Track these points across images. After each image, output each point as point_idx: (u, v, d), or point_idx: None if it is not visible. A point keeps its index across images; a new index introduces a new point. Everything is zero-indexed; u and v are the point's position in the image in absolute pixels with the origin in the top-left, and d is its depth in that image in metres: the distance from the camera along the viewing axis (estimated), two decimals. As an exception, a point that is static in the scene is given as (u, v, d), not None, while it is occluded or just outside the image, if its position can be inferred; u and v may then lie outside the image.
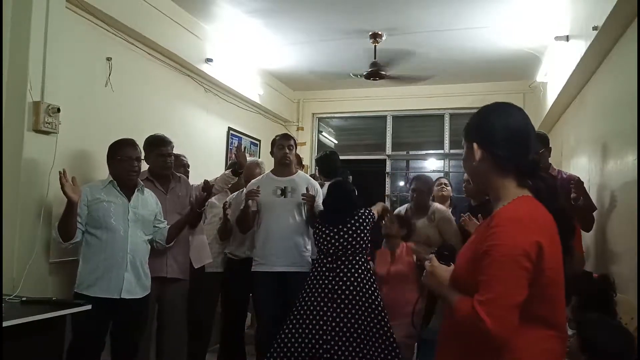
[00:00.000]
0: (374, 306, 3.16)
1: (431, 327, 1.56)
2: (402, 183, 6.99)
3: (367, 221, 3.35)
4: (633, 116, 2.66)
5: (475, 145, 1.38)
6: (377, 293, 3.24)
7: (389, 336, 3.12)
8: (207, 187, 3.26)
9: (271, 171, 3.77)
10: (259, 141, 6.10)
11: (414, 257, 3.41)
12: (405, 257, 3.46)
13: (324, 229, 3.36)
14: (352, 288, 3.18)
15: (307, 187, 3.56)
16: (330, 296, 3.19)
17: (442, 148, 6.65)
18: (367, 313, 3.14)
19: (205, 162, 4.71)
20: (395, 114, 6.79)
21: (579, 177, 3.21)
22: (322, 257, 3.34)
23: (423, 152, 6.93)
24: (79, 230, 2.72)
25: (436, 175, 5.77)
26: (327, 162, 4.29)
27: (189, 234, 3.44)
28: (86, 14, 3.36)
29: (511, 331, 1.20)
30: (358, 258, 3.28)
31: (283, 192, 3.59)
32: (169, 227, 3.09)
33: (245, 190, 3.66)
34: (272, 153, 3.83)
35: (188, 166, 3.85)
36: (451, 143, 6.55)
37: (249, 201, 3.52)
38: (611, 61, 3.37)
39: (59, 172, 2.58)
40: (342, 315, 3.13)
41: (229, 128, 5.48)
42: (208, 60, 4.66)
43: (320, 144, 7.09)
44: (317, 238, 3.39)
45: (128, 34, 3.76)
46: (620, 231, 3.04)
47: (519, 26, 4.40)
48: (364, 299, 3.16)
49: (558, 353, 1.32)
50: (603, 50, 3.33)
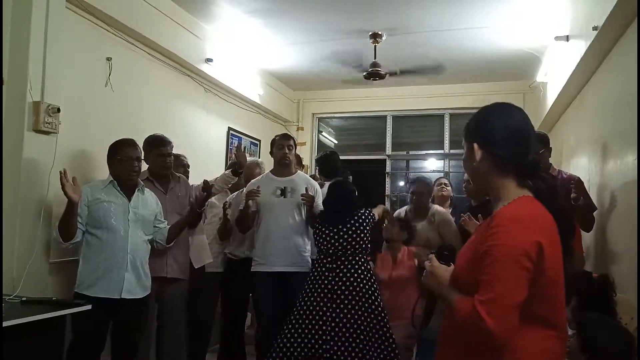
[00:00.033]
0: (374, 306, 3.16)
1: (431, 327, 1.56)
2: (402, 183, 6.99)
3: (367, 221, 3.35)
4: (633, 116, 2.67)
5: (475, 145, 1.39)
6: (377, 293, 3.24)
7: (388, 337, 3.12)
8: (207, 187, 3.26)
9: (271, 171, 3.77)
10: (259, 141, 6.10)
11: (416, 261, 3.40)
12: (407, 262, 3.46)
13: (324, 229, 3.35)
14: (352, 288, 3.18)
15: (307, 188, 3.56)
16: (330, 296, 3.19)
17: (442, 148, 6.65)
18: (367, 313, 3.14)
19: (205, 162, 4.71)
20: (395, 114, 6.78)
21: (579, 177, 3.22)
22: (322, 257, 3.33)
23: (423, 152, 6.93)
24: (80, 230, 2.72)
25: (436, 175, 5.77)
26: (327, 162, 4.29)
27: (189, 234, 3.44)
28: (86, 14, 3.36)
29: (512, 331, 1.21)
30: (358, 258, 3.28)
31: (283, 192, 3.59)
32: (169, 227, 3.09)
33: (245, 190, 3.66)
34: (272, 153, 3.84)
35: (188, 166, 3.85)
36: (451, 143, 6.55)
37: (249, 201, 3.52)
38: (611, 61, 3.37)
39: (60, 172, 2.58)
40: (342, 315, 3.13)
41: (229, 128, 5.48)
42: (208, 60, 4.66)
43: (320, 144, 7.09)
44: (317, 238, 3.38)
45: (128, 34, 3.76)
46: (620, 231, 3.04)
47: (519, 26, 4.40)
48: (364, 300, 3.16)
49: (558, 353, 1.32)
50: (603, 50, 3.33)
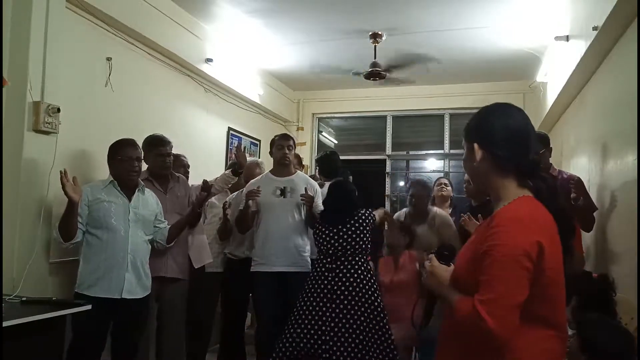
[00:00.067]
0: (373, 307, 3.16)
1: (431, 327, 1.55)
2: (402, 183, 6.99)
3: (368, 222, 3.34)
4: (633, 116, 2.66)
5: (475, 145, 1.39)
6: (378, 293, 3.23)
7: (388, 337, 3.11)
8: (207, 187, 3.26)
9: (270, 171, 3.77)
10: (259, 141, 6.10)
11: (417, 265, 3.39)
12: (408, 266, 3.46)
13: (324, 229, 3.35)
14: (352, 289, 3.17)
15: (306, 188, 3.56)
16: (329, 297, 3.18)
17: (442, 148, 6.65)
18: (367, 314, 3.13)
19: (205, 162, 4.70)
20: (395, 114, 6.78)
21: (579, 177, 3.22)
22: (322, 258, 3.33)
23: (423, 152, 6.93)
24: (80, 230, 2.72)
25: (436, 175, 5.77)
26: (328, 162, 4.28)
27: (189, 234, 3.44)
28: (86, 14, 3.36)
29: (512, 331, 1.21)
30: (358, 258, 3.27)
31: (282, 192, 3.58)
32: (170, 227, 3.09)
33: (244, 190, 3.66)
34: (271, 153, 3.83)
35: (188, 166, 3.85)
36: (451, 143, 6.55)
37: (249, 201, 3.52)
38: (611, 61, 3.37)
39: (60, 172, 2.58)
40: (341, 315, 3.12)
41: (229, 128, 5.48)
42: (208, 60, 4.66)
43: (320, 144, 7.09)
44: (317, 238, 3.38)
45: (128, 34, 3.76)
46: (620, 231, 3.04)
47: (519, 26, 4.40)
48: (364, 300, 3.15)
49: (558, 353, 1.32)
50: (603, 50, 3.33)
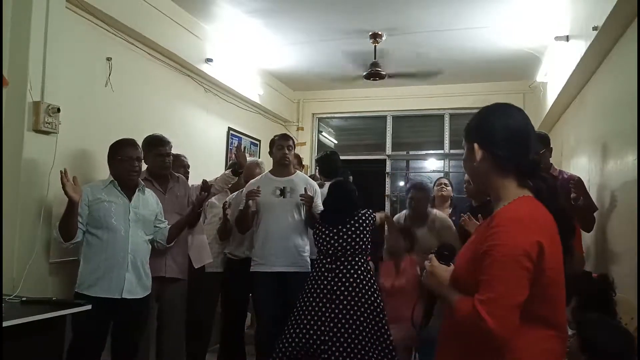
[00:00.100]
0: (373, 307, 3.15)
1: (431, 327, 1.55)
2: (402, 183, 6.99)
3: (368, 222, 3.34)
4: (633, 116, 2.66)
5: (475, 145, 1.39)
6: (377, 294, 3.23)
7: (387, 338, 3.11)
8: (206, 187, 3.27)
9: (270, 171, 3.77)
10: (259, 141, 6.10)
11: (418, 270, 3.39)
12: (409, 270, 3.46)
13: (324, 229, 3.35)
14: (352, 289, 3.17)
15: (306, 188, 3.56)
16: (329, 297, 3.18)
17: (442, 148, 6.64)
18: (366, 314, 3.13)
19: (205, 162, 4.70)
20: (395, 114, 6.78)
21: (580, 177, 3.21)
22: (322, 258, 3.33)
23: (423, 152, 6.93)
24: (80, 230, 2.72)
25: (436, 175, 5.77)
26: (328, 162, 4.28)
27: (189, 234, 3.44)
28: (86, 14, 3.36)
29: (512, 331, 1.21)
30: (358, 259, 3.27)
31: (282, 193, 3.58)
32: (170, 227, 3.09)
33: (244, 190, 3.66)
34: (271, 153, 3.83)
35: (188, 167, 3.85)
36: (451, 143, 6.55)
37: (249, 201, 3.52)
38: (611, 61, 3.37)
39: (60, 172, 2.58)
40: (340, 316, 3.12)
41: (229, 128, 5.48)
42: (208, 60, 4.66)
43: (320, 144, 7.09)
44: (317, 238, 3.38)
45: (128, 34, 3.76)
46: (620, 231, 3.04)
47: (519, 26, 4.40)
48: (363, 300, 3.15)
49: (558, 353, 1.32)
50: (603, 50, 3.33)
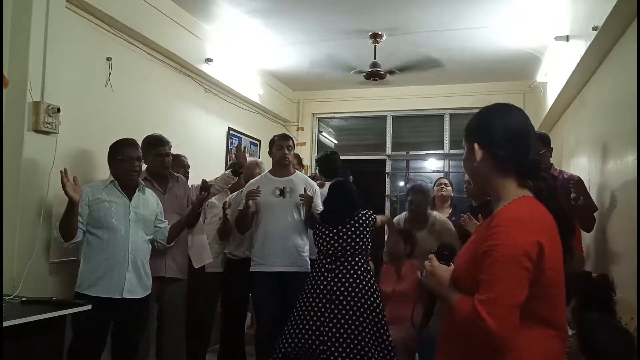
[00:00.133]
0: (373, 307, 3.15)
1: (431, 327, 1.56)
2: (402, 183, 6.99)
3: (368, 222, 3.33)
4: (633, 116, 2.66)
5: (475, 145, 1.39)
6: (377, 294, 3.23)
7: (386, 338, 3.11)
8: (206, 187, 3.27)
9: (269, 171, 3.77)
10: (259, 141, 6.09)
11: (419, 274, 3.39)
12: (410, 275, 3.46)
13: (324, 230, 3.34)
14: (351, 289, 3.17)
15: (305, 188, 3.56)
16: (328, 297, 3.17)
17: (442, 148, 6.64)
18: (366, 315, 3.12)
19: (205, 162, 4.70)
20: (395, 114, 6.78)
21: (580, 177, 3.21)
22: (322, 258, 3.32)
23: (423, 152, 6.93)
24: (80, 230, 2.72)
25: (436, 175, 5.77)
26: (328, 162, 4.28)
27: (188, 234, 3.44)
28: (86, 14, 3.36)
29: (512, 331, 1.21)
30: (358, 259, 3.27)
31: (282, 193, 3.58)
32: (170, 227, 3.09)
33: (244, 190, 3.66)
34: (271, 153, 3.83)
35: (188, 167, 3.85)
36: (451, 143, 6.54)
37: (249, 201, 3.52)
38: (611, 61, 3.37)
39: (60, 172, 2.58)
40: (340, 316, 3.11)
41: (229, 128, 5.48)
42: (208, 60, 4.66)
43: (320, 144, 7.09)
44: (317, 239, 3.37)
45: (128, 34, 3.76)
46: (620, 231, 3.04)
47: (519, 26, 4.40)
48: (363, 301, 3.15)
49: (558, 353, 1.32)
50: (603, 50, 3.33)
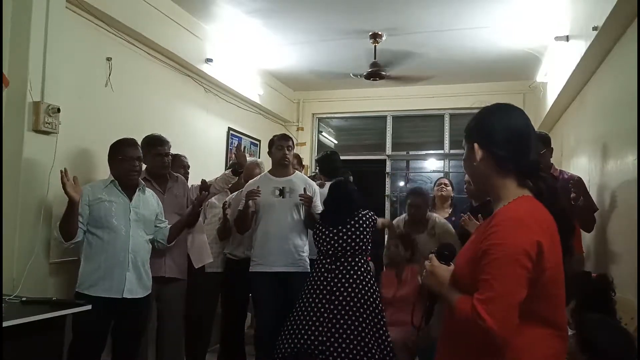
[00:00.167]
0: (372, 308, 3.15)
1: (431, 327, 1.56)
2: (402, 183, 6.99)
3: (368, 222, 3.33)
4: (633, 116, 2.66)
5: (476, 145, 1.39)
6: (377, 295, 3.23)
7: (386, 338, 3.11)
8: (205, 186, 3.27)
9: (269, 171, 3.77)
10: (259, 141, 6.09)
11: (419, 279, 3.39)
12: (411, 281, 3.46)
13: (324, 230, 3.34)
14: (351, 290, 3.16)
15: (305, 188, 3.56)
16: (328, 297, 3.17)
17: (442, 148, 6.64)
18: (366, 315, 3.12)
19: (205, 162, 4.70)
20: (395, 114, 6.78)
21: (580, 177, 3.21)
22: (322, 258, 3.32)
23: (423, 152, 6.93)
24: (81, 230, 2.72)
25: (436, 175, 5.77)
26: (328, 162, 4.28)
27: (188, 234, 3.44)
28: (86, 14, 3.36)
29: (512, 330, 1.21)
30: (358, 259, 3.26)
31: (281, 193, 3.58)
32: (170, 227, 3.09)
33: (243, 190, 3.66)
34: (270, 153, 3.82)
35: (188, 167, 3.85)
36: (451, 143, 6.54)
37: (249, 201, 3.52)
38: (611, 61, 3.37)
39: (60, 171, 2.58)
40: (340, 316, 3.11)
41: (229, 128, 5.48)
42: (208, 60, 4.66)
43: (320, 144, 7.09)
44: (317, 239, 3.37)
45: (128, 34, 3.76)
46: (620, 231, 3.04)
47: (519, 26, 4.40)
48: (363, 301, 3.14)
49: (559, 352, 1.32)
50: (603, 50, 3.33)
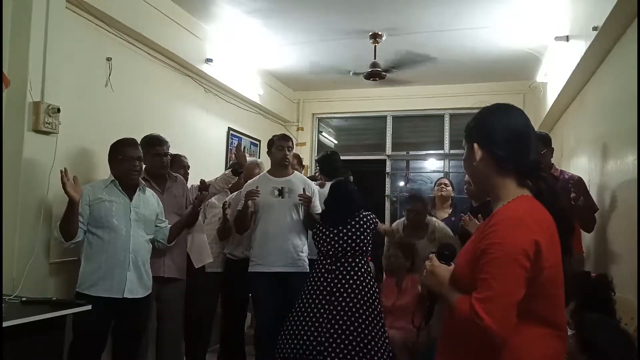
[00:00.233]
0: (372, 308, 3.15)
1: (431, 327, 1.56)
2: (402, 183, 6.99)
3: (369, 223, 3.33)
4: (633, 116, 2.66)
5: (475, 145, 1.39)
6: (377, 295, 3.23)
7: (385, 339, 3.11)
8: (204, 186, 3.27)
9: (268, 171, 3.76)
10: (259, 141, 6.09)
11: (419, 287, 3.39)
12: (411, 290, 3.47)
13: (324, 230, 3.34)
14: (351, 290, 3.16)
15: (304, 188, 3.56)
16: (328, 298, 3.17)
17: (442, 148, 6.64)
18: (365, 315, 3.11)
19: (205, 162, 4.70)
20: (395, 114, 6.77)
21: (580, 177, 3.21)
22: (322, 259, 3.32)
23: (423, 153, 6.92)
24: (81, 229, 2.72)
25: (436, 175, 5.77)
26: (328, 162, 4.28)
27: (188, 234, 3.44)
28: (86, 14, 3.36)
29: (510, 329, 1.21)
30: (358, 260, 3.26)
31: (280, 193, 3.58)
32: (170, 227, 3.09)
33: (243, 190, 3.65)
34: (270, 153, 3.81)
35: (188, 167, 3.85)
36: (451, 143, 6.54)
37: (248, 201, 3.51)
38: (611, 61, 3.37)
39: (60, 171, 2.58)
40: (338, 317, 3.10)
41: (229, 128, 5.48)
42: (208, 60, 4.66)
43: (320, 144, 7.08)
44: (317, 239, 3.37)
45: (128, 34, 3.76)
46: (620, 231, 3.04)
47: (519, 26, 4.40)
48: (362, 302, 3.14)
49: (558, 352, 1.32)
50: (603, 50, 3.33)
